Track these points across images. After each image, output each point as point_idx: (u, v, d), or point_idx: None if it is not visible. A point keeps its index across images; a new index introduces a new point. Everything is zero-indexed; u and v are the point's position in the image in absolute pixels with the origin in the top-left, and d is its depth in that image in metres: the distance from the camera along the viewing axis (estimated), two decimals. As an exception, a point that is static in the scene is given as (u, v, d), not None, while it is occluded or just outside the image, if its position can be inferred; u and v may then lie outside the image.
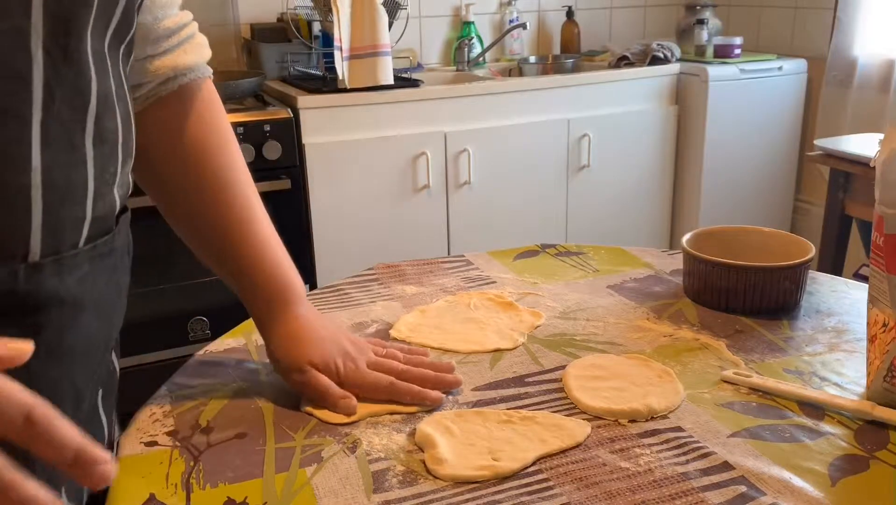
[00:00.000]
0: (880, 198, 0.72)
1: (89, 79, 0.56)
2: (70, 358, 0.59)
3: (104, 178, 0.59)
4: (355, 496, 0.63)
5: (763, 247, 1.03)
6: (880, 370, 0.74)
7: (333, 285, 1.08)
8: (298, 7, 2.59)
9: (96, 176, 0.58)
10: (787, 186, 3.02)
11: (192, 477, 0.66)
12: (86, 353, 0.61)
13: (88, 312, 0.59)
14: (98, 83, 0.57)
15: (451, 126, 2.48)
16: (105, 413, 0.70)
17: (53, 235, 0.55)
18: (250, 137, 2.20)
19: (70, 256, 0.56)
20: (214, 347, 0.90)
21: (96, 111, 0.56)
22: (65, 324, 0.57)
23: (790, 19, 3.07)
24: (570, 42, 3.15)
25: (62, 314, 0.57)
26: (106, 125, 0.58)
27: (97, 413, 0.69)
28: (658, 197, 2.90)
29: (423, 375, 0.78)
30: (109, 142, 0.59)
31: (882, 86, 2.64)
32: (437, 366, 0.81)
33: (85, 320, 0.59)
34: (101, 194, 0.59)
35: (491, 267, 1.13)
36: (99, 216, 0.59)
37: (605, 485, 0.64)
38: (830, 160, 2.14)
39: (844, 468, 0.65)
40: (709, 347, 0.87)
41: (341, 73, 2.32)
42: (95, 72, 0.56)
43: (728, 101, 2.78)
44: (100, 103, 0.57)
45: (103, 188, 0.59)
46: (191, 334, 2.28)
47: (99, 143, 0.57)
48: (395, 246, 2.48)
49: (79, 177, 0.56)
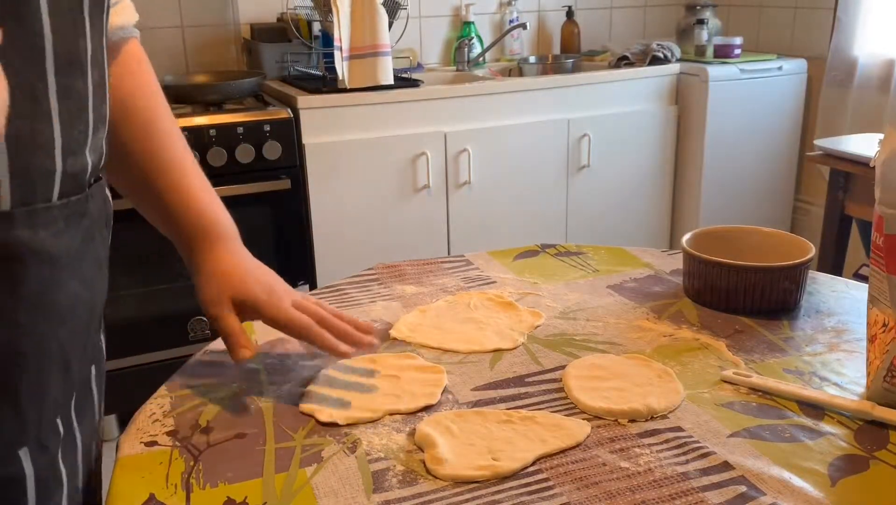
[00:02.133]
0: (880, 198, 0.72)
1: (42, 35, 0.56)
2: (55, 317, 0.61)
3: (73, 135, 0.60)
4: (355, 496, 0.63)
5: (763, 247, 1.03)
6: (880, 370, 0.74)
7: (333, 285, 1.08)
8: (298, 7, 2.59)
9: (64, 131, 0.59)
10: (787, 186, 3.02)
11: (192, 477, 0.66)
12: (70, 315, 0.63)
13: (68, 273, 0.61)
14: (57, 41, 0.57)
15: (451, 126, 2.48)
16: (97, 392, 0.72)
17: (24, 186, 0.56)
18: (250, 137, 2.20)
19: (43, 208, 0.58)
20: (214, 347, 0.90)
21: (55, 66, 0.57)
22: (45, 279, 0.59)
23: (790, 19, 3.07)
24: (570, 42, 3.15)
25: (41, 269, 0.58)
26: (72, 84, 0.59)
27: (90, 390, 0.71)
28: (658, 197, 2.90)
29: (342, 328, 0.81)
30: (75, 100, 0.60)
31: (882, 86, 2.64)
32: (357, 324, 0.84)
33: (65, 280, 0.61)
34: (72, 151, 0.60)
35: (491, 267, 1.13)
36: (70, 172, 0.60)
37: (605, 485, 0.64)
38: (830, 160, 2.14)
39: (844, 468, 0.65)
40: (709, 347, 0.87)
41: (341, 73, 2.32)
42: (53, 30, 0.57)
43: (728, 101, 2.78)
44: (60, 60, 0.58)
45: (73, 145, 0.60)
46: (191, 334, 2.28)
47: (64, 99, 0.58)
48: (395, 246, 2.48)
49: (45, 128, 0.57)
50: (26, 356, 0.58)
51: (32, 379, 0.59)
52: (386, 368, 0.84)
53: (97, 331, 0.72)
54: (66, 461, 0.65)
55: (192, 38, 2.68)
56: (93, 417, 0.71)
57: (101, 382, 0.75)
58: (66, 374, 0.64)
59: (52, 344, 0.61)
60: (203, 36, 2.70)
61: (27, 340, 0.58)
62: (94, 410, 0.72)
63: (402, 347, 0.90)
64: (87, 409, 0.70)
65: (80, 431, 0.67)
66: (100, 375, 0.74)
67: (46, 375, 0.60)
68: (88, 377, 0.71)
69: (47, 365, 0.61)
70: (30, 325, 0.58)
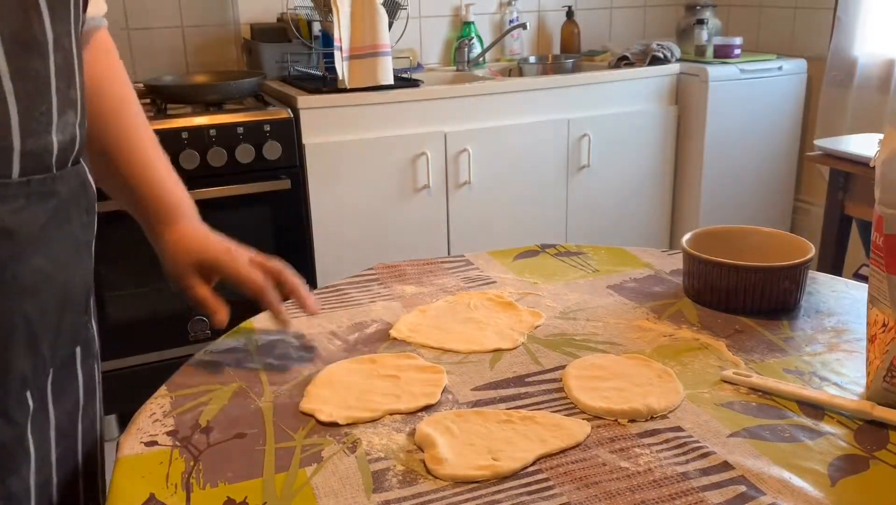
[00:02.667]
0: (880, 198, 0.72)
1: None
2: (18, 293, 0.62)
3: (33, 115, 0.62)
4: (355, 496, 0.63)
5: (763, 247, 1.03)
6: (880, 370, 0.74)
7: (333, 285, 1.08)
8: (298, 7, 2.59)
9: (21, 112, 0.60)
10: (786, 186, 3.02)
11: (192, 477, 0.66)
12: (36, 292, 0.64)
13: (31, 250, 0.63)
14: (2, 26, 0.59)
15: (451, 126, 2.48)
16: (83, 373, 0.75)
17: None
18: (250, 137, 2.20)
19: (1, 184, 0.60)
20: (214, 347, 0.91)
21: (4, 49, 0.59)
22: (5, 254, 0.61)
23: (790, 19, 3.07)
24: (570, 42, 3.15)
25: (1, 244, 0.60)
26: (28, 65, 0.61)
27: (74, 371, 0.73)
28: (658, 197, 2.90)
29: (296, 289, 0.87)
30: (33, 81, 0.62)
31: (882, 86, 2.64)
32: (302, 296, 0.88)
33: (27, 257, 0.63)
34: (32, 131, 0.62)
35: (491, 267, 1.13)
36: (31, 151, 0.62)
37: (605, 485, 0.64)
38: (830, 160, 2.13)
39: (844, 468, 0.65)
40: (709, 347, 0.87)
41: (341, 73, 2.32)
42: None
43: (728, 101, 2.78)
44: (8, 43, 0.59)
45: (33, 124, 0.62)
46: (191, 334, 2.28)
47: (20, 80, 0.60)
48: (395, 246, 2.48)
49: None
50: None
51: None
52: (386, 368, 0.84)
53: (80, 313, 0.74)
54: (35, 435, 0.67)
55: (192, 38, 2.68)
56: (76, 401, 0.74)
57: (93, 367, 0.77)
58: (35, 350, 0.65)
59: (16, 318, 0.63)
60: (203, 36, 2.70)
61: None
62: (78, 391, 0.74)
63: (402, 347, 0.90)
64: (67, 388, 0.72)
65: (54, 408, 0.70)
66: (88, 357, 0.76)
67: (11, 347, 0.62)
68: (71, 357, 0.72)
69: (11, 338, 0.62)
70: None
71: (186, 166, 2.14)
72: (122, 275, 2.12)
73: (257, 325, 0.96)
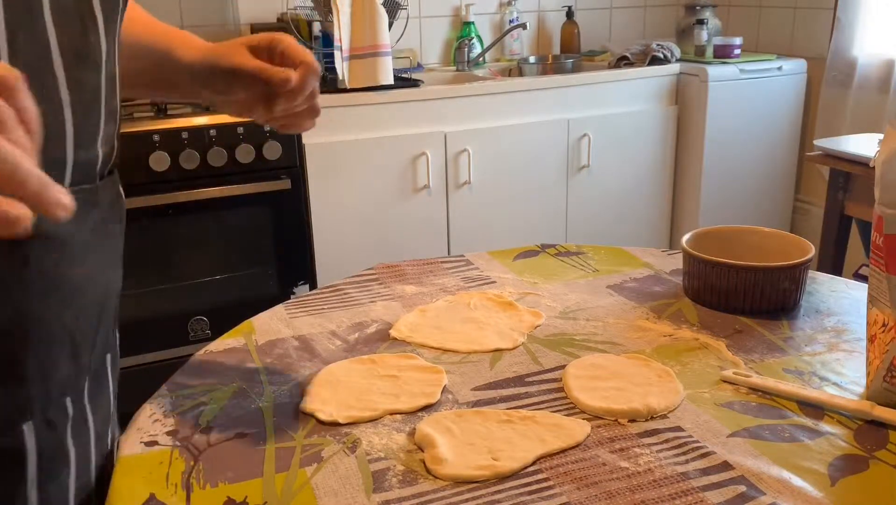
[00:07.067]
0: (880, 198, 0.72)
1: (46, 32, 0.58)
2: (61, 299, 0.62)
3: (86, 128, 0.62)
4: (355, 496, 0.63)
5: (763, 247, 1.03)
6: (880, 370, 0.74)
7: (333, 285, 1.08)
8: (298, 7, 2.59)
9: (76, 123, 0.60)
10: (786, 186, 3.02)
11: (192, 477, 0.66)
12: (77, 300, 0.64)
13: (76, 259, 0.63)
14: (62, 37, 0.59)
15: (451, 126, 2.48)
16: (112, 383, 0.74)
17: None
18: (250, 137, 2.20)
19: None
20: (214, 347, 0.90)
21: (63, 60, 0.59)
22: (50, 260, 0.60)
23: (790, 19, 3.07)
24: (570, 42, 3.15)
25: (46, 250, 0.60)
26: (84, 77, 0.61)
27: (106, 379, 0.73)
28: (658, 197, 2.90)
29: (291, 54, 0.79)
30: (88, 93, 0.62)
31: (882, 86, 2.64)
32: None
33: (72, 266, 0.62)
34: (83, 143, 0.62)
35: (491, 267, 1.13)
36: (81, 162, 0.62)
37: (605, 485, 0.64)
38: (830, 160, 2.14)
39: (844, 468, 0.66)
40: (708, 347, 0.87)
41: (341, 74, 2.32)
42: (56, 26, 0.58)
43: (728, 101, 2.78)
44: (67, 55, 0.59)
45: (85, 137, 0.62)
46: (191, 334, 2.28)
47: (76, 92, 0.60)
48: (395, 246, 2.48)
49: (56, 121, 0.59)
50: (32, 335, 0.60)
51: (38, 357, 0.61)
52: (386, 367, 0.84)
53: (111, 324, 0.74)
54: (77, 442, 0.67)
55: (192, 38, 2.68)
56: (108, 407, 0.73)
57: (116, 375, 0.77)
58: (76, 357, 0.65)
59: (58, 326, 0.63)
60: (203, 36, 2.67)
61: (33, 320, 0.60)
62: (110, 400, 0.74)
63: (402, 347, 0.90)
64: (101, 397, 0.71)
65: (92, 417, 0.69)
66: (115, 367, 0.76)
67: (53, 355, 0.62)
68: (104, 366, 0.72)
69: (54, 345, 0.63)
70: (36, 305, 0.60)
71: (187, 166, 2.13)
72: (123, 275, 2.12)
73: (257, 325, 0.96)
